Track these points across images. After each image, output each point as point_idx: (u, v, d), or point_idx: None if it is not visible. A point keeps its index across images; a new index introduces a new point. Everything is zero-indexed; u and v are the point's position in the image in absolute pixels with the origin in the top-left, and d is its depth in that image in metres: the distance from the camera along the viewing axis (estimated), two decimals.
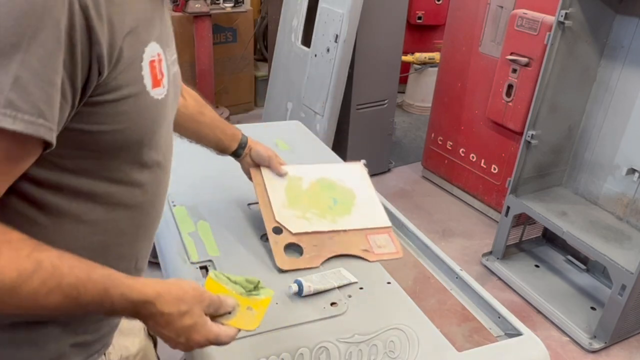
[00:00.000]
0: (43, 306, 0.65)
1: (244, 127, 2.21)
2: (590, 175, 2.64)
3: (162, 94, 0.75)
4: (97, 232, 0.76)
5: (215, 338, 0.78)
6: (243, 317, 0.83)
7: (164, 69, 0.75)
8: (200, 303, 0.76)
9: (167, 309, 0.72)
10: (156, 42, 0.73)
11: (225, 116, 4.32)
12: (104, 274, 0.69)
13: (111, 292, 0.69)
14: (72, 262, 0.67)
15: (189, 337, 0.75)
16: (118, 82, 0.66)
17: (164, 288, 0.73)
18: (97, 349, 0.88)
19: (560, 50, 2.37)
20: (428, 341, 1.06)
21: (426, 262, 1.36)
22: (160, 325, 0.74)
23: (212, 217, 1.39)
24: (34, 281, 0.63)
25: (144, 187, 0.79)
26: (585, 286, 2.67)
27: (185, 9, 3.85)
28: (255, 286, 0.88)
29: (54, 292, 0.64)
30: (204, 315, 0.77)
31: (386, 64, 3.42)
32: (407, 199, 3.54)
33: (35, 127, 0.59)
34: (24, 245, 0.64)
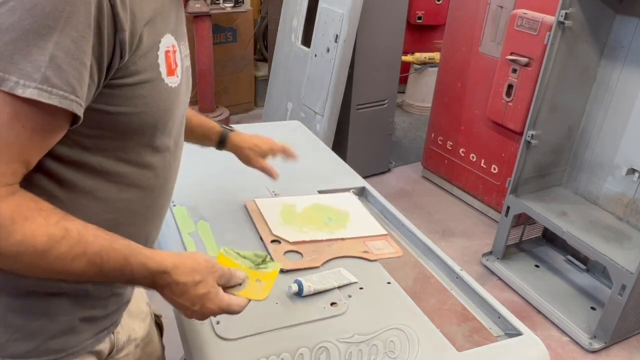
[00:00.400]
0: (69, 271, 0.70)
1: (244, 127, 2.22)
2: (590, 175, 2.64)
3: (176, 83, 0.80)
4: (109, 210, 0.80)
5: (227, 306, 0.83)
6: (253, 289, 0.88)
7: (178, 60, 0.81)
8: (212, 274, 0.81)
9: (182, 279, 0.78)
10: (171, 34, 0.79)
11: (225, 116, 4.32)
12: (125, 244, 0.75)
13: (131, 261, 0.74)
14: (96, 231, 0.72)
15: (203, 305, 0.80)
16: (137, 67, 0.72)
17: (179, 259, 0.79)
18: (105, 325, 0.92)
19: (560, 50, 2.37)
20: (428, 341, 1.06)
21: (426, 262, 1.36)
22: (175, 295, 0.79)
23: (212, 217, 1.39)
24: (62, 246, 0.68)
25: (155, 170, 0.84)
26: (585, 286, 2.67)
27: (185, 9, 3.85)
28: (263, 260, 0.94)
29: (79, 258, 0.70)
30: (216, 285, 0.82)
31: (386, 64, 3.42)
32: (407, 199, 3.54)
33: (69, 102, 0.65)
34: (54, 214, 0.69)
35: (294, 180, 1.62)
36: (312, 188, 1.60)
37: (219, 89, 4.41)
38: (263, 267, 0.92)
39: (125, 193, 0.81)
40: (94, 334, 0.90)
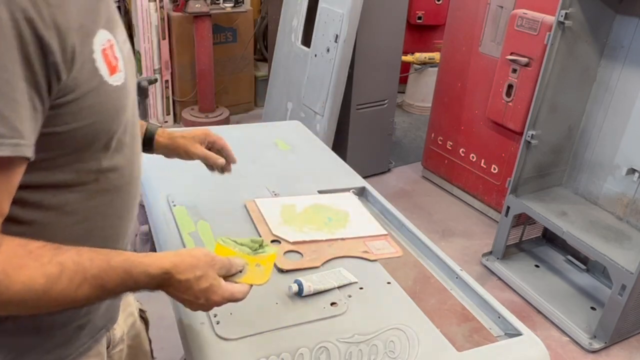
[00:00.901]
0: (75, 300, 0.71)
1: (244, 127, 2.22)
2: (590, 175, 2.64)
3: (121, 79, 0.77)
4: (81, 219, 0.79)
5: (230, 295, 0.85)
6: (253, 274, 0.90)
7: (117, 53, 0.77)
8: (212, 267, 0.83)
9: (184, 277, 0.79)
10: (104, 28, 0.74)
11: (225, 116, 4.33)
12: (123, 259, 0.75)
13: (133, 273, 0.75)
14: (90, 255, 0.72)
15: (208, 297, 0.82)
16: (76, 81, 0.68)
17: (178, 258, 0.80)
18: (102, 324, 0.93)
19: (560, 50, 2.37)
20: (428, 341, 1.06)
21: (426, 262, 1.36)
22: (180, 291, 0.80)
23: (212, 217, 1.39)
24: (62, 282, 0.68)
25: (119, 170, 0.82)
26: (585, 286, 2.67)
27: (185, 9, 3.85)
28: (260, 245, 0.96)
29: (82, 286, 0.70)
30: (218, 277, 0.84)
31: (386, 64, 3.42)
32: (407, 199, 3.54)
33: (20, 149, 0.63)
34: (44, 252, 0.69)
35: (294, 180, 1.62)
36: (312, 188, 1.60)
37: (219, 89, 4.41)
38: (261, 252, 0.94)
39: (93, 200, 0.79)
40: (91, 337, 0.90)
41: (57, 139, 0.71)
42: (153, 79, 2.85)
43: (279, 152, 1.83)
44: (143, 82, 2.73)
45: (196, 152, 1.21)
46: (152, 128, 1.18)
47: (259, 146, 1.85)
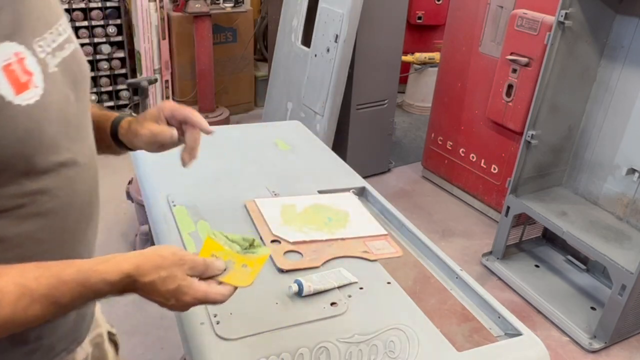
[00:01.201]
0: (25, 322, 0.67)
1: (244, 127, 2.22)
2: (590, 175, 2.64)
3: (35, 96, 0.68)
4: (9, 247, 0.73)
5: (204, 296, 0.78)
6: (238, 274, 0.84)
7: (31, 66, 0.69)
8: (180, 266, 0.77)
9: (147, 278, 0.74)
10: (10, 40, 0.67)
11: (225, 116, 4.33)
12: (75, 270, 0.70)
13: (89, 284, 0.70)
14: (37, 273, 0.68)
15: (178, 298, 0.77)
16: None
17: (141, 259, 0.75)
18: (61, 347, 0.87)
19: (560, 50, 2.37)
20: (428, 341, 1.06)
21: (426, 262, 1.36)
22: (146, 293, 0.76)
23: (212, 217, 1.39)
24: (4, 309, 0.64)
25: (50, 192, 0.74)
26: (585, 286, 2.67)
27: (185, 9, 3.86)
28: (251, 244, 0.89)
29: (31, 307, 0.66)
30: (187, 278, 0.77)
31: (386, 64, 3.42)
32: (407, 199, 3.54)
33: None
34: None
35: (294, 180, 1.62)
36: (312, 188, 1.60)
37: (219, 89, 4.41)
38: (252, 252, 0.88)
39: (22, 226, 0.72)
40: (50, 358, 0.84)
41: None
42: (153, 79, 2.85)
43: (279, 152, 1.83)
44: (143, 82, 2.73)
45: (143, 132, 0.99)
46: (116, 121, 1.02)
47: (259, 146, 1.85)
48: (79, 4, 3.88)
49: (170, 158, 1.26)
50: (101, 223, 0.97)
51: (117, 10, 4.04)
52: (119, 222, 3.00)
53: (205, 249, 0.85)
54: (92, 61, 4.08)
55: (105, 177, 1.07)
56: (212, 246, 0.85)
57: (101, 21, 4.00)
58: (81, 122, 0.81)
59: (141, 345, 2.22)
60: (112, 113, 1.05)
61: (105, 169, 1.25)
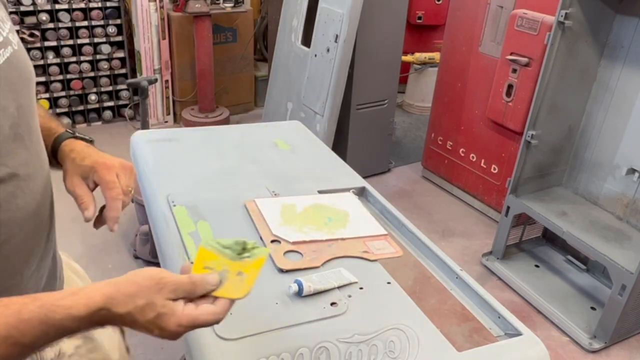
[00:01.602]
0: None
1: (244, 127, 2.22)
2: (590, 175, 2.64)
3: None
4: None
5: (191, 322, 0.70)
6: (232, 285, 0.76)
7: None
8: (159, 292, 0.69)
9: (122, 309, 0.67)
10: None
11: (225, 116, 4.33)
12: (37, 306, 0.64)
13: (52, 321, 0.64)
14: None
15: (161, 327, 0.69)
16: None
17: (114, 288, 0.68)
18: None
19: (560, 50, 2.37)
20: (428, 341, 1.06)
21: (426, 262, 1.36)
22: (125, 325, 0.69)
23: (212, 217, 1.39)
24: None
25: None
26: (585, 286, 2.67)
27: (185, 9, 3.85)
28: (244, 247, 0.80)
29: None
30: (168, 303, 0.69)
31: (386, 64, 3.42)
32: (407, 199, 3.54)
33: None
34: None
35: (294, 180, 1.62)
36: (312, 188, 1.60)
37: (219, 89, 4.41)
38: (247, 256, 0.80)
39: None
40: None
41: None
42: (153, 79, 2.85)
43: (279, 152, 1.83)
44: (143, 82, 2.73)
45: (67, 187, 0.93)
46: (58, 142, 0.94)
47: (259, 146, 1.85)
48: (79, 4, 3.88)
49: (170, 158, 1.26)
50: None
51: (117, 10, 4.04)
52: (119, 222, 3.00)
53: (198, 261, 0.78)
54: (92, 61, 4.08)
55: None
56: (206, 256, 0.78)
57: (101, 21, 4.00)
58: (24, 131, 0.75)
59: (141, 345, 2.22)
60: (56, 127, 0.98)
61: None
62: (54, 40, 3.89)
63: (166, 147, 1.70)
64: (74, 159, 0.93)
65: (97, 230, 1.01)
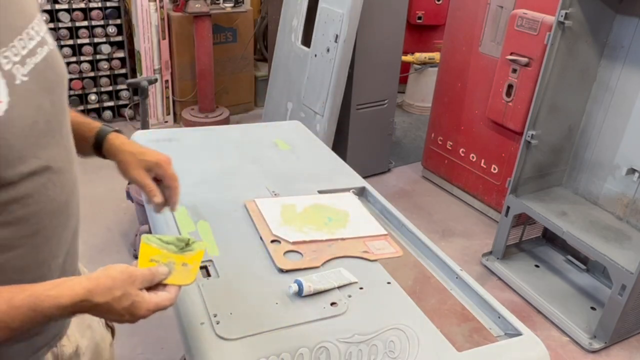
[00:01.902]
0: None
1: (244, 127, 2.22)
2: (590, 175, 2.64)
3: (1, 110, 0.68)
4: None
5: (155, 306, 0.82)
6: (179, 274, 0.88)
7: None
8: (132, 284, 0.80)
9: (101, 299, 0.76)
10: None
11: (225, 116, 4.33)
12: (27, 295, 0.71)
13: (40, 309, 0.71)
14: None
15: (132, 313, 0.80)
16: None
17: (93, 282, 0.76)
18: (44, 341, 0.88)
19: (560, 50, 2.37)
20: (428, 341, 1.06)
21: (426, 262, 1.36)
22: (101, 313, 0.78)
23: (212, 217, 1.39)
24: None
25: (21, 201, 0.74)
26: (585, 286, 2.67)
27: (185, 9, 3.86)
28: (187, 243, 0.94)
29: None
30: (140, 293, 0.80)
31: (386, 64, 3.42)
32: (407, 199, 3.54)
33: None
34: None
35: (294, 180, 1.62)
36: (312, 188, 1.60)
37: (219, 89, 4.41)
38: (189, 250, 0.92)
39: None
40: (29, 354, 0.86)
41: None
42: (153, 79, 2.85)
43: (279, 152, 1.83)
44: (143, 82, 2.73)
45: (133, 176, 1.05)
46: (104, 131, 1.05)
47: (259, 146, 1.85)
48: (79, 4, 3.88)
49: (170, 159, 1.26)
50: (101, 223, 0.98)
51: (117, 10, 4.04)
52: (119, 222, 3.00)
53: (143, 255, 0.88)
54: (92, 61, 4.08)
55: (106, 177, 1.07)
56: (149, 251, 0.89)
57: (101, 21, 4.00)
58: (56, 127, 0.80)
59: (141, 345, 2.22)
60: (92, 122, 1.07)
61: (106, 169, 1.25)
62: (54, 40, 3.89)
63: (166, 147, 1.70)
64: (133, 153, 1.05)
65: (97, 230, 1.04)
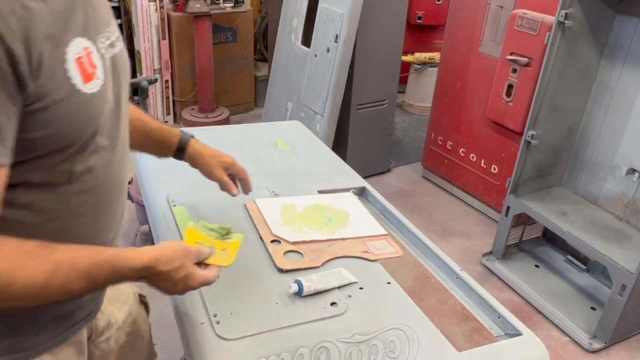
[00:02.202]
0: (70, 293, 0.78)
1: (244, 127, 2.22)
2: (590, 175, 2.64)
3: (97, 86, 0.78)
4: (51, 218, 0.81)
5: (205, 279, 0.94)
6: (219, 257, 1.00)
7: (96, 60, 0.79)
8: (188, 257, 0.91)
9: (164, 268, 0.87)
10: (81, 36, 0.76)
11: (225, 116, 4.33)
12: (109, 255, 0.81)
13: (118, 268, 0.81)
14: (81, 252, 0.79)
15: (186, 284, 0.91)
16: (44, 90, 0.70)
17: (158, 252, 0.87)
18: (80, 317, 0.95)
19: (560, 50, 2.37)
20: (428, 341, 1.06)
21: (426, 262, 1.36)
22: (160, 281, 0.88)
23: (212, 217, 1.39)
24: (58, 277, 0.74)
25: (93, 172, 0.84)
26: (585, 286, 2.67)
27: (185, 9, 3.85)
28: (228, 232, 1.09)
29: (75, 281, 0.77)
30: (193, 266, 0.92)
31: (386, 64, 3.42)
32: (407, 199, 3.54)
33: None
34: (39, 252, 0.74)
35: (294, 180, 1.63)
36: (312, 188, 1.60)
37: (219, 89, 4.41)
38: (228, 238, 1.06)
39: (65, 200, 0.81)
40: (69, 327, 0.92)
41: (28, 144, 0.73)
42: (153, 79, 2.85)
43: (279, 152, 1.83)
44: (143, 82, 2.73)
45: (217, 176, 1.27)
46: (185, 138, 1.23)
47: (259, 146, 1.85)
48: None
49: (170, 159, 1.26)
50: None
51: (117, 10, 4.04)
52: None
53: (189, 238, 1.01)
54: None
55: None
56: (194, 235, 1.02)
57: None
58: (122, 113, 0.91)
59: None
60: (170, 128, 1.23)
61: None
62: None
63: None
64: (213, 156, 1.26)
65: None
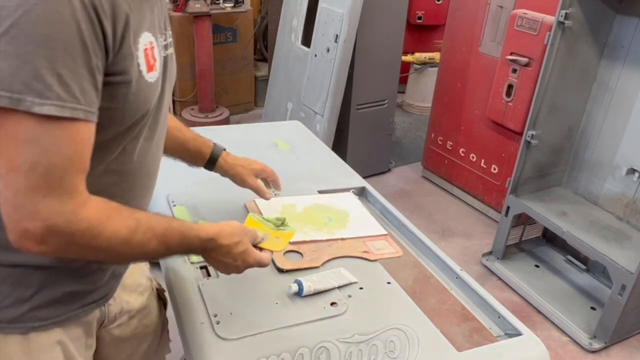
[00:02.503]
0: (146, 252, 0.86)
1: (244, 127, 2.22)
2: (590, 175, 2.64)
3: (155, 77, 0.87)
4: None
5: (260, 259, 1.02)
6: (273, 242, 1.11)
7: (157, 54, 0.88)
8: (246, 235, 1.01)
9: (225, 242, 0.96)
10: (148, 31, 0.85)
11: (225, 116, 4.33)
12: (179, 223, 0.91)
13: (187, 235, 0.90)
14: (156, 217, 0.87)
15: (244, 259, 0.99)
16: (118, 68, 0.78)
17: (220, 227, 0.97)
18: (93, 299, 0.98)
19: (560, 50, 2.37)
20: (428, 341, 1.06)
21: (426, 262, 1.36)
22: (221, 255, 0.96)
23: (212, 217, 1.39)
24: (138, 234, 0.82)
25: (130, 155, 0.90)
26: (585, 286, 2.67)
27: (185, 9, 3.85)
28: (282, 222, 1.24)
29: (152, 241, 0.84)
30: (250, 244, 1.01)
31: (386, 64, 3.42)
32: (407, 199, 3.54)
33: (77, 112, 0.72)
34: (123, 209, 0.82)
35: (294, 180, 1.62)
36: (312, 188, 1.60)
37: (219, 89, 4.41)
38: (282, 228, 1.21)
39: (102, 179, 0.86)
40: (80, 306, 0.95)
41: None
42: None
43: (279, 152, 1.83)
44: None
45: (250, 183, 1.37)
46: (217, 150, 1.32)
47: (259, 146, 1.85)
48: None
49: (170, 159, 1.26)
50: None
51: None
52: None
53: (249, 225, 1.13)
54: None
55: None
56: (252, 224, 1.16)
57: None
58: (164, 110, 0.97)
59: None
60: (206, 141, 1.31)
61: None
62: None
63: None
64: (243, 166, 1.36)
65: None
